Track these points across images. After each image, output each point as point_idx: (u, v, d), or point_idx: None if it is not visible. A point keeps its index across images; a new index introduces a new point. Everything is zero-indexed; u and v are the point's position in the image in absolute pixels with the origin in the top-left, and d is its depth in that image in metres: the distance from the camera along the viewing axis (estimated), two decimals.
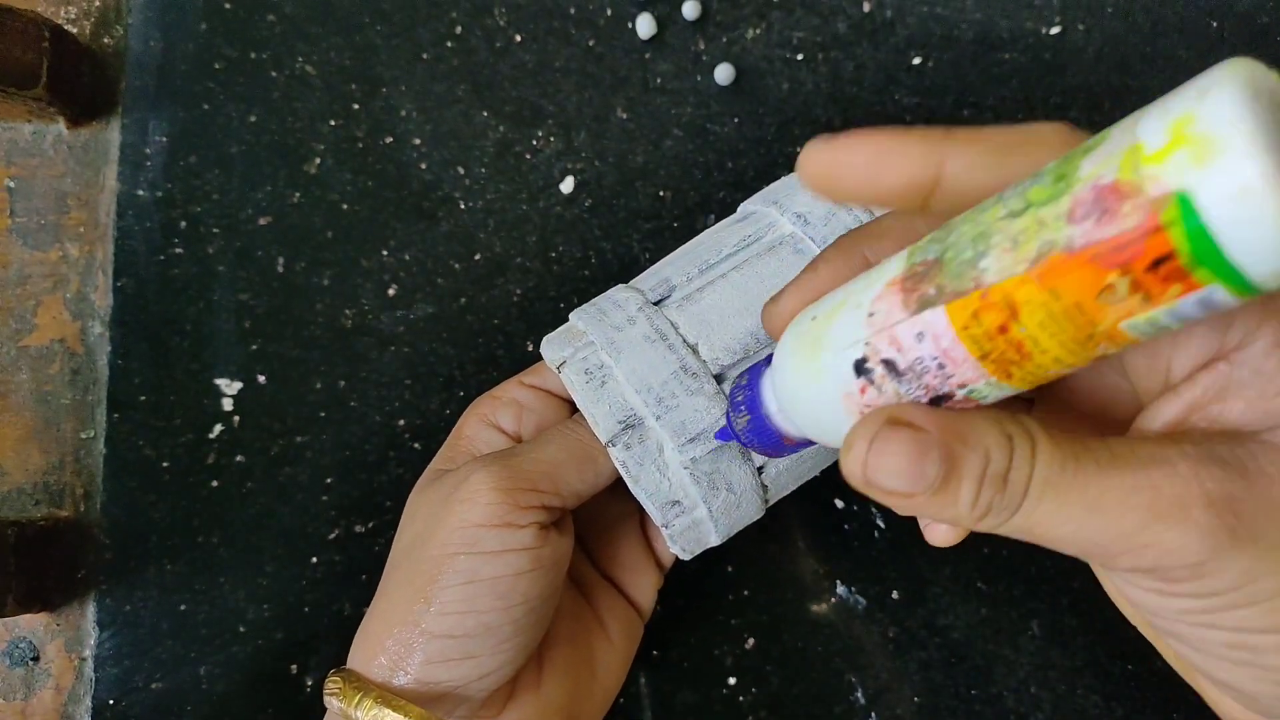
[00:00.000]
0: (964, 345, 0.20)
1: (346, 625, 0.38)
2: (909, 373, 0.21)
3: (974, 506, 0.21)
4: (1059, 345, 0.19)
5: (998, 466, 0.21)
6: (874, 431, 0.21)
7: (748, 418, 0.27)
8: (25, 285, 0.40)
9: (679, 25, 0.41)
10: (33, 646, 0.39)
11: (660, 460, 0.32)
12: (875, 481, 0.21)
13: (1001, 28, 0.41)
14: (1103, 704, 0.38)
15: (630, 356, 0.32)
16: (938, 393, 0.21)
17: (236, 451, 0.39)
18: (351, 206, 0.40)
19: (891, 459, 0.21)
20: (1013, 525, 0.21)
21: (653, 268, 0.36)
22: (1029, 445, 0.21)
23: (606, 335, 0.33)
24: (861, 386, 0.22)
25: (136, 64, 0.40)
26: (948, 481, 0.21)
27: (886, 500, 0.22)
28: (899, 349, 0.22)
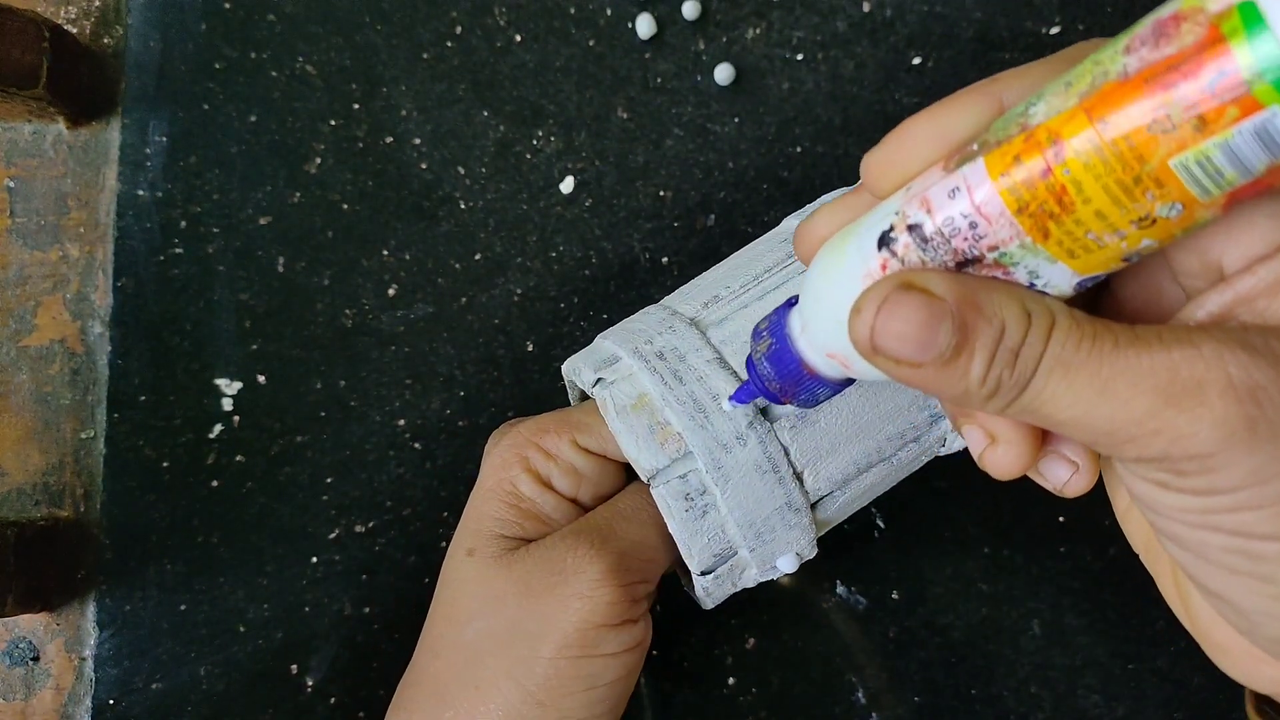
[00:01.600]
0: (1000, 197, 0.19)
1: (346, 625, 0.38)
2: (936, 237, 0.20)
3: (983, 383, 0.20)
4: (1103, 193, 0.18)
5: (1012, 340, 0.19)
6: (885, 294, 0.20)
7: (769, 342, 0.25)
8: (25, 285, 0.40)
9: (679, 25, 0.41)
10: (33, 646, 0.38)
11: (737, 579, 0.31)
12: (882, 347, 0.20)
13: (1001, 27, 0.41)
14: (1103, 703, 0.38)
15: (738, 488, 0.30)
16: (965, 258, 0.20)
17: (236, 451, 0.39)
18: (352, 206, 0.40)
19: (901, 324, 0.19)
20: (1019, 406, 0.20)
21: (708, 291, 0.33)
22: (1047, 321, 0.19)
23: (711, 453, 0.29)
24: (882, 261, 0.21)
25: (136, 64, 0.40)
26: (959, 353, 0.19)
27: (893, 371, 0.20)
28: (928, 210, 0.20)
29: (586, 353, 0.33)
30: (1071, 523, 0.39)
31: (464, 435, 0.39)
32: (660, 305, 0.34)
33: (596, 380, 0.31)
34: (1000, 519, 0.39)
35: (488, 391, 0.39)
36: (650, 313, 0.33)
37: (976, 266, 0.20)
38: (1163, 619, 0.38)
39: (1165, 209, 0.18)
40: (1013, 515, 0.39)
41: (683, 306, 0.33)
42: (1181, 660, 0.38)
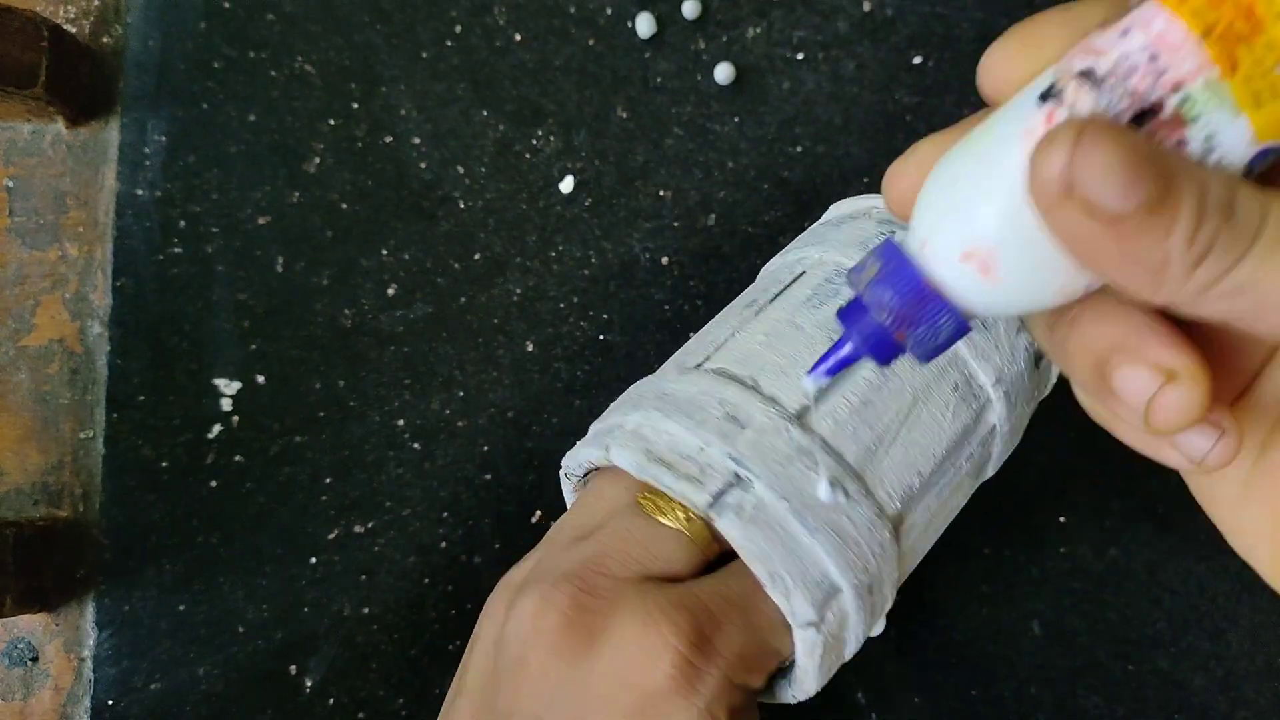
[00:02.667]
0: (1182, 20, 0.17)
1: (345, 625, 0.38)
2: (1111, 77, 0.17)
3: (1192, 241, 0.16)
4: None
5: (1220, 194, 0.16)
6: (1082, 127, 0.16)
7: (878, 266, 0.20)
8: (24, 285, 0.40)
9: (679, 24, 0.41)
10: (31, 647, 0.38)
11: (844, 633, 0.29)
12: (1081, 186, 0.16)
13: (1002, 27, 0.40)
14: (1103, 705, 0.38)
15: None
16: (1144, 103, 0.17)
17: (235, 451, 0.39)
18: (351, 206, 0.40)
19: (1106, 155, 0.16)
20: (1236, 278, 0.17)
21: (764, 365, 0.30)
22: (1253, 186, 0.17)
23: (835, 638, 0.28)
24: (1048, 114, 0.18)
25: (135, 63, 0.40)
26: (1165, 198, 0.16)
27: (1080, 229, 0.17)
28: (1098, 54, 0.17)
29: (796, 566, 0.27)
30: (1072, 523, 0.39)
31: (463, 435, 0.39)
32: (859, 488, 0.29)
33: (812, 622, 0.27)
34: (1001, 519, 0.39)
35: (487, 391, 0.39)
36: (870, 526, 0.28)
37: (1154, 124, 0.17)
38: (1163, 620, 0.38)
39: None
40: (1013, 516, 0.39)
41: (877, 487, 0.29)
42: (1182, 661, 0.38)
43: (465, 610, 0.39)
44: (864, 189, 0.40)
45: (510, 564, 0.39)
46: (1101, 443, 0.40)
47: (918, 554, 0.31)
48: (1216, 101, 0.17)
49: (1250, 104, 0.17)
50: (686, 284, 0.40)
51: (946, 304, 0.20)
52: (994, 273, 0.19)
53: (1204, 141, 0.17)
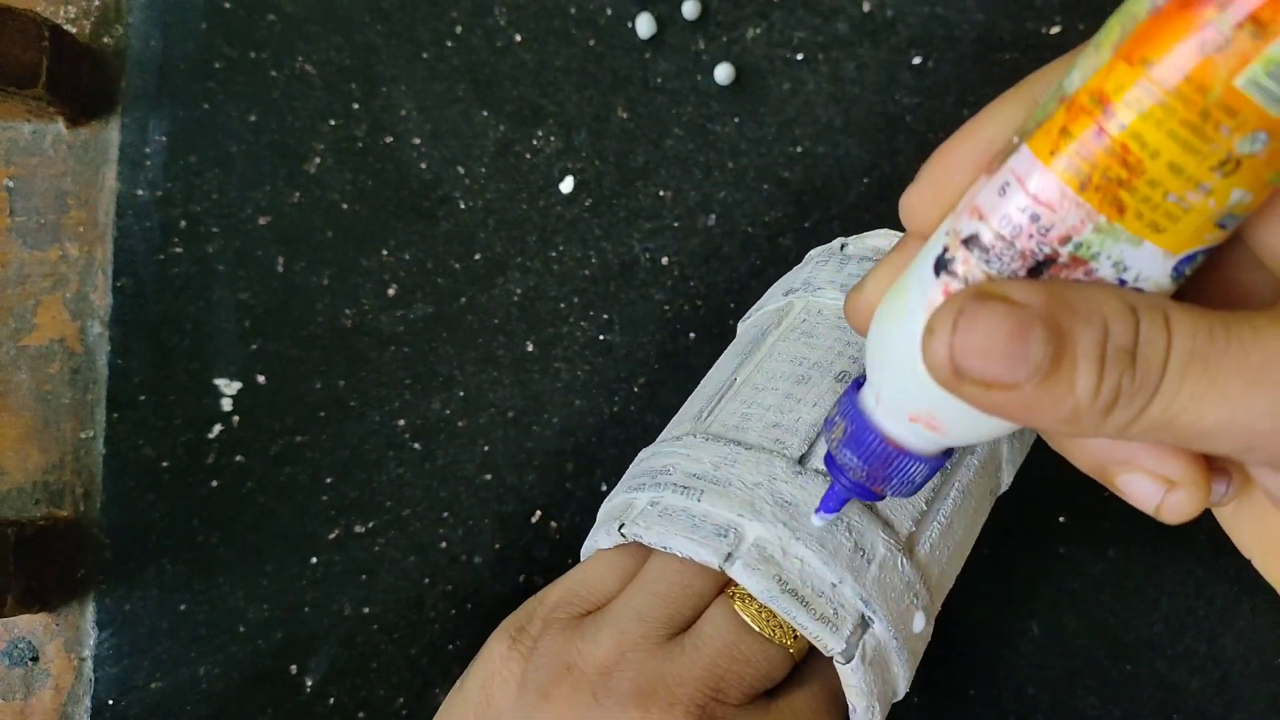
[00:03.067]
0: (1057, 178, 0.16)
1: (346, 625, 0.38)
2: (997, 243, 0.17)
3: (1096, 394, 0.16)
4: (1170, 140, 0.15)
5: (1121, 339, 0.16)
6: (959, 306, 0.16)
7: (843, 427, 0.22)
8: (24, 285, 0.40)
9: (679, 25, 0.41)
10: (32, 646, 0.39)
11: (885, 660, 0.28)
12: (966, 368, 0.16)
13: (1003, 28, 0.41)
14: (1101, 706, 0.38)
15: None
16: (1037, 258, 0.17)
17: (236, 451, 0.39)
18: (351, 206, 0.40)
19: (983, 336, 0.16)
20: (1149, 419, 0.16)
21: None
22: (1160, 315, 0.16)
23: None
24: (944, 287, 0.18)
25: (136, 63, 0.40)
26: (1059, 361, 0.16)
27: (984, 400, 0.17)
28: (980, 217, 0.17)
29: (888, 694, 0.28)
30: (1071, 524, 0.39)
31: (464, 435, 0.39)
32: (893, 537, 0.28)
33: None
34: (1000, 519, 0.39)
35: (487, 391, 0.39)
36: (895, 568, 0.28)
37: (1052, 270, 0.17)
38: (1161, 622, 0.39)
39: (1246, 143, 0.15)
40: (1013, 516, 0.39)
41: (938, 598, 0.29)
42: (1179, 663, 0.39)
43: (465, 610, 0.39)
44: (863, 189, 0.40)
45: (510, 564, 0.39)
46: None
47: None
48: (1112, 239, 0.17)
49: (1150, 232, 0.16)
50: (686, 284, 0.40)
51: (911, 456, 0.21)
52: (941, 429, 0.20)
53: (1113, 268, 0.17)
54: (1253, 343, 0.16)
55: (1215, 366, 0.16)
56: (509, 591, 0.39)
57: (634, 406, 0.40)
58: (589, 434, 0.39)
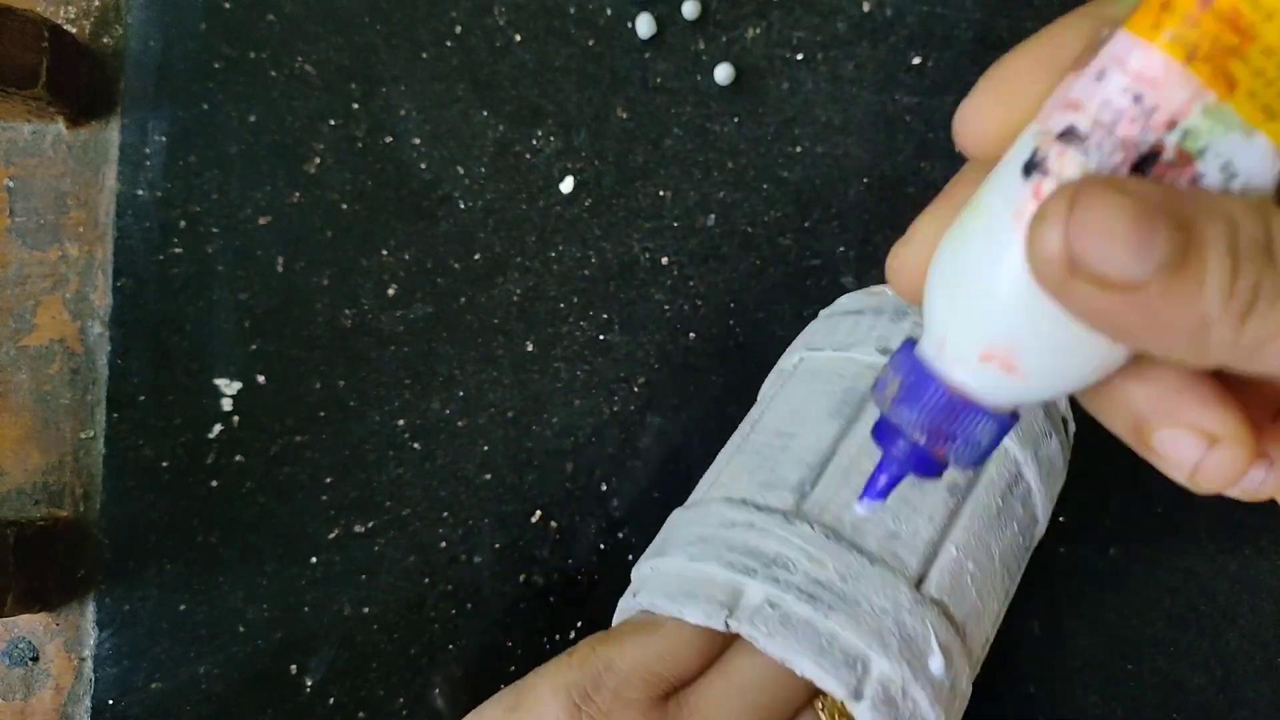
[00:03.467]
0: (1160, 49, 0.15)
1: (346, 625, 0.38)
2: (1096, 130, 0.15)
3: (1231, 294, 0.14)
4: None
5: (1254, 233, 0.14)
6: (1074, 190, 0.14)
7: (898, 381, 0.19)
8: (24, 285, 0.40)
9: (679, 25, 0.41)
10: (32, 646, 0.39)
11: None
12: (1086, 260, 0.14)
13: (1001, 27, 0.41)
14: (1102, 704, 0.38)
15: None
16: (1140, 149, 0.15)
17: (236, 451, 0.39)
18: (351, 206, 0.40)
19: (1105, 222, 0.14)
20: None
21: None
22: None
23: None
24: (1034, 189, 0.16)
25: (136, 64, 0.40)
26: (1187, 255, 0.14)
27: (1097, 305, 0.14)
28: (1077, 108, 0.16)
29: (804, 641, 0.26)
30: (1072, 523, 0.39)
31: (463, 435, 0.39)
32: (908, 586, 0.28)
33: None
34: None
35: (487, 391, 0.39)
36: (966, 678, 0.28)
37: (1156, 169, 0.15)
38: (1162, 619, 0.39)
39: None
40: None
41: (974, 645, 0.29)
42: (1181, 661, 0.39)
43: (465, 610, 0.39)
44: (862, 189, 0.40)
45: (510, 563, 0.39)
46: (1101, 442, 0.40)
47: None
48: (1222, 127, 0.15)
49: (1262, 119, 0.15)
50: (686, 284, 0.40)
51: (978, 409, 0.18)
52: (1019, 369, 0.17)
53: (1220, 171, 0.15)
54: None
55: None
56: (509, 591, 0.39)
57: (634, 406, 0.40)
58: (589, 434, 0.39)
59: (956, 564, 0.28)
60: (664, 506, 0.39)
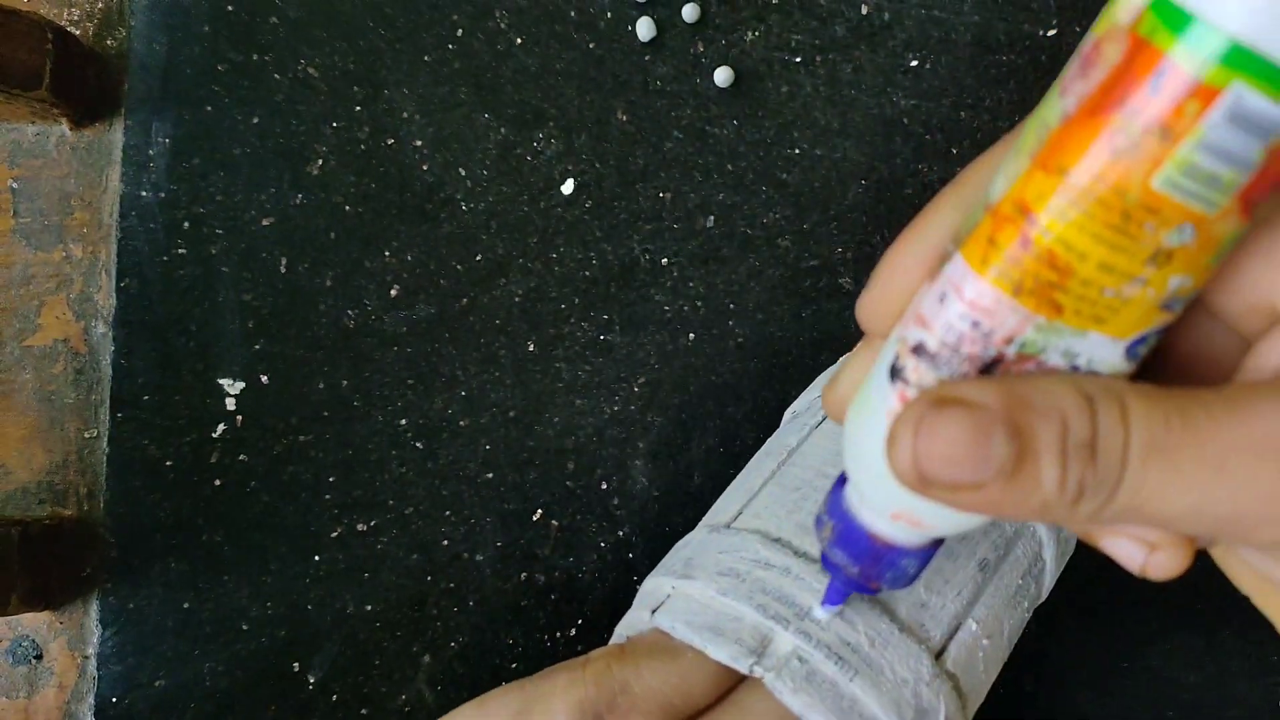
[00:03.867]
0: (989, 283, 0.17)
1: (349, 623, 0.38)
2: (943, 349, 0.18)
3: (1062, 488, 0.16)
4: (1096, 242, 0.15)
5: (1080, 434, 0.16)
6: (918, 415, 0.17)
7: (831, 526, 0.22)
8: (29, 285, 0.40)
9: (678, 28, 0.41)
10: (36, 645, 0.39)
11: None
12: (932, 476, 0.17)
13: (999, 30, 0.41)
14: (1097, 700, 0.39)
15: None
16: (983, 361, 0.17)
17: (240, 451, 0.39)
18: (354, 208, 0.40)
19: (945, 443, 0.16)
20: (1117, 507, 0.17)
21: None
22: (1116, 404, 0.16)
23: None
24: (899, 394, 0.18)
25: (140, 66, 0.40)
26: (1023, 460, 0.16)
27: (955, 500, 0.17)
28: (925, 326, 0.18)
29: (826, 701, 0.26)
30: None
31: (465, 434, 0.39)
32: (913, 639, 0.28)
33: None
34: None
35: (489, 391, 0.40)
36: (899, 648, 0.27)
37: (1001, 367, 0.17)
38: (1156, 617, 0.39)
39: (1173, 236, 0.15)
40: None
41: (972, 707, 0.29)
42: (1174, 658, 0.39)
43: (468, 607, 0.39)
44: (861, 192, 0.40)
45: (512, 562, 0.39)
46: None
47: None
48: (1056, 335, 0.17)
49: (1092, 324, 0.17)
50: (686, 285, 0.40)
51: (900, 551, 0.21)
52: (924, 524, 0.20)
53: (1063, 358, 0.17)
54: (1209, 430, 0.16)
55: (1174, 455, 0.16)
56: (510, 589, 0.39)
57: (634, 406, 0.40)
58: (590, 433, 0.40)
59: (974, 639, 0.29)
60: (664, 506, 0.39)
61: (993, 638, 0.30)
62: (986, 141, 0.41)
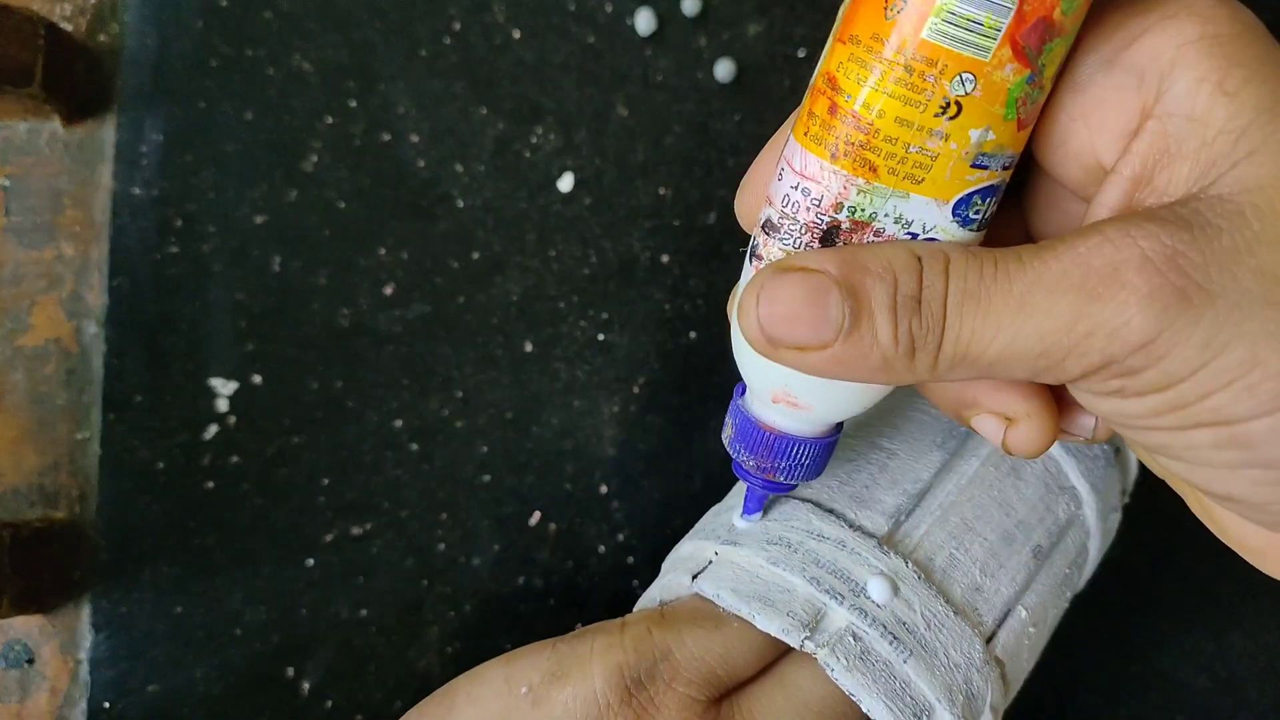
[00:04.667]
0: (811, 152, 0.19)
1: (343, 628, 0.38)
2: (784, 221, 0.19)
3: (895, 341, 0.18)
4: (888, 98, 0.17)
5: (908, 288, 0.18)
6: (762, 281, 0.18)
7: (730, 424, 0.24)
8: (20, 285, 0.40)
9: (679, 21, 0.40)
10: (27, 649, 0.38)
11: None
12: (777, 335, 0.18)
13: None
14: (1105, 705, 0.38)
15: None
16: (820, 228, 0.19)
17: (232, 452, 0.38)
18: (348, 205, 0.40)
19: (785, 304, 0.18)
20: (946, 358, 0.18)
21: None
22: (940, 260, 0.18)
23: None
24: (754, 271, 0.20)
25: (132, 61, 0.40)
26: (858, 319, 0.18)
27: (803, 362, 0.19)
28: (770, 203, 0.20)
29: (879, 682, 0.26)
30: None
31: (462, 436, 0.39)
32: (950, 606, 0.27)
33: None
34: None
35: (486, 392, 0.39)
36: (953, 631, 0.27)
37: (841, 236, 0.19)
38: (1166, 621, 0.38)
39: (956, 86, 0.17)
40: None
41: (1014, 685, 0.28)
42: (1185, 662, 0.38)
43: (464, 612, 0.38)
44: None
45: (509, 566, 0.39)
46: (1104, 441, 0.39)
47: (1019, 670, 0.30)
48: (880, 198, 0.18)
49: (910, 185, 0.18)
50: (687, 283, 0.40)
51: (791, 440, 0.23)
52: (801, 403, 0.22)
53: (896, 224, 0.19)
54: (1017, 274, 0.17)
55: (987, 302, 0.18)
56: (508, 593, 0.39)
57: (634, 406, 0.39)
58: (588, 434, 0.39)
59: (1022, 626, 0.29)
60: (664, 508, 0.39)
61: (1038, 626, 0.29)
62: None
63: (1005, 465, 0.30)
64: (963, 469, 0.29)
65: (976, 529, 0.28)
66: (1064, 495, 0.30)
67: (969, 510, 0.29)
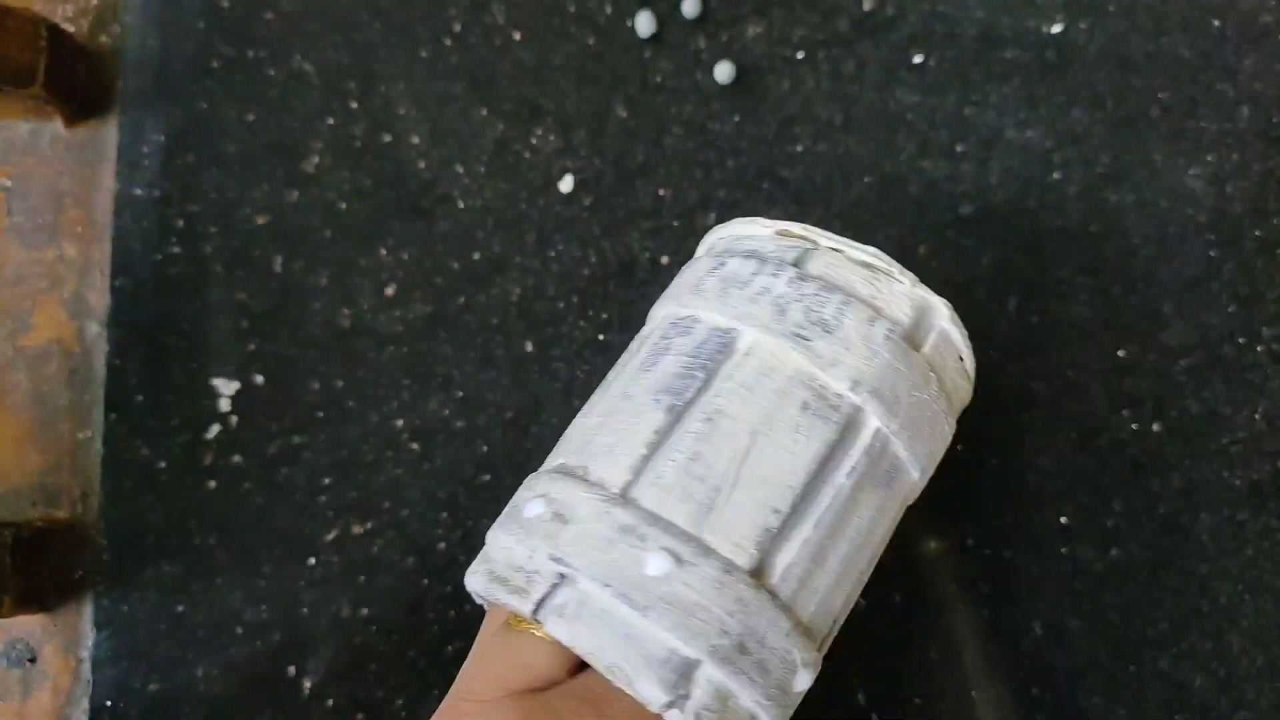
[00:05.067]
0: None
1: (344, 627, 0.38)
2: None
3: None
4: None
5: None
6: None
7: None
8: (22, 285, 0.40)
9: (679, 23, 0.40)
10: (30, 648, 0.38)
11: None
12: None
13: (1003, 25, 0.40)
14: (1104, 705, 0.38)
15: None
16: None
17: (233, 452, 0.39)
18: (349, 205, 0.40)
19: None
20: None
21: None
22: None
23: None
24: None
25: (133, 62, 0.40)
26: None
27: None
28: None
29: (634, 650, 0.25)
30: (1073, 524, 0.39)
31: (462, 436, 0.39)
32: (716, 558, 0.26)
33: (670, 702, 0.25)
34: (1001, 521, 0.39)
35: (485, 392, 0.39)
36: (718, 584, 0.26)
37: None
38: (1165, 620, 0.38)
39: None
40: (1014, 517, 0.39)
41: (721, 542, 0.26)
42: (1183, 662, 0.38)
43: (464, 611, 0.38)
44: (864, 188, 0.40)
45: None
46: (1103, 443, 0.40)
47: (829, 589, 0.28)
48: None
49: None
50: None
51: None
52: None
53: None
54: None
55: None
56: None
57: None
58: None
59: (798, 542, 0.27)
60: None
61: (819, 530, 0.28)
62: (990, 139, 0.40)
63: (755, 379, 0.28)
64: (713, 390, 0.28)
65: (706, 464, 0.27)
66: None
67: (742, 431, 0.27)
